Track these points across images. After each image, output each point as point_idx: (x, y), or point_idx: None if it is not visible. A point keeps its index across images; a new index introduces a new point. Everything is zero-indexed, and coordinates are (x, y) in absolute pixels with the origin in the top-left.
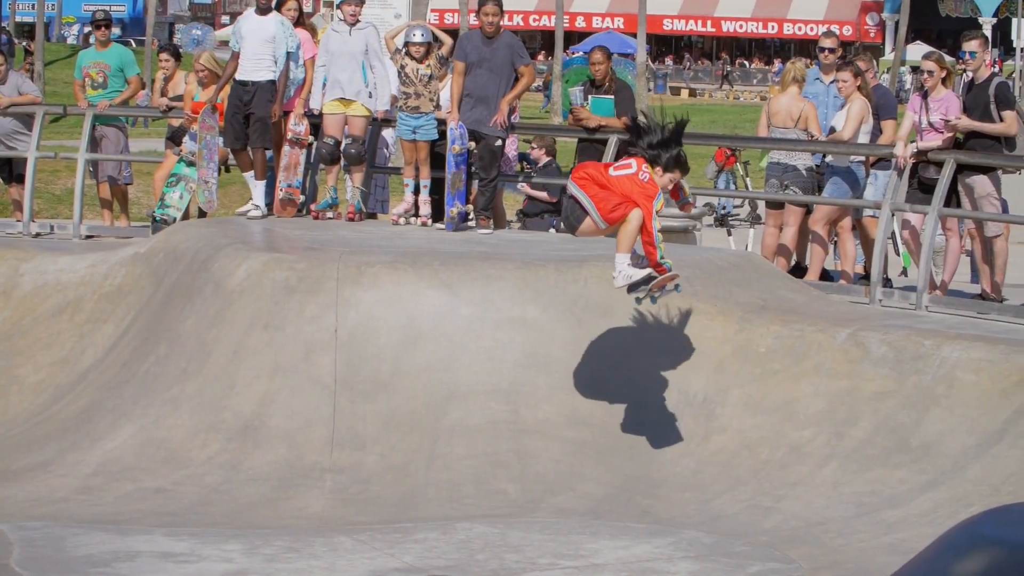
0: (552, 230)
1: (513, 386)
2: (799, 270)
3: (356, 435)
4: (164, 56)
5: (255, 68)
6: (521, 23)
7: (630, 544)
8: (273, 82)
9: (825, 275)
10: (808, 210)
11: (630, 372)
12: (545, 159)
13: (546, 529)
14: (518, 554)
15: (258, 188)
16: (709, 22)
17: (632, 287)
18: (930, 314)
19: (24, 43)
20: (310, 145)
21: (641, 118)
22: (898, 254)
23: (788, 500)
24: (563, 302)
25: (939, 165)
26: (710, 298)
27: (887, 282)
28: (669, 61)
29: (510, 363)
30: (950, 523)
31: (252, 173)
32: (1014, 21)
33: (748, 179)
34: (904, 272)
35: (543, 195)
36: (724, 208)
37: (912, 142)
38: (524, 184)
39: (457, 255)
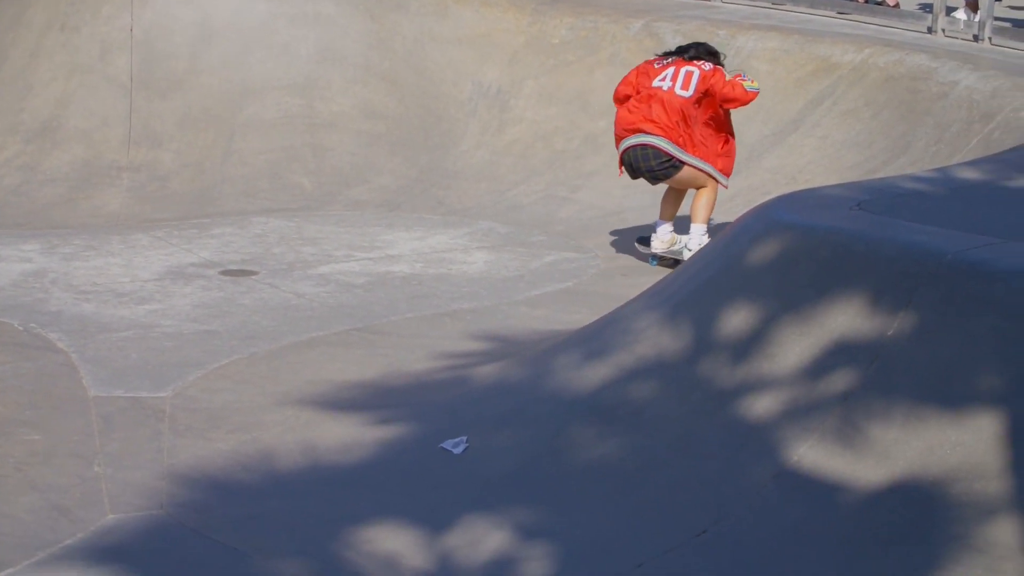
0: None
1: (308, 80)
2: None
3: (152, 133)
4: None
5: None
6: None
7: (425, 235)
8: None
9: None
10: None
11: (423, 64)
12: None
13: (342, 222)
14: (314, 246)
15: None
16: None
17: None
18: (725, 5)
19: None
20: None
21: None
22: None
23: (584, 190)
24: None
25: None
26: None
27: None
28: None
29: (304, 58)
30: (746, 210)
31: None
32: None
33: None
34: None
35: None
36: None
37: None
38: None
39: None
